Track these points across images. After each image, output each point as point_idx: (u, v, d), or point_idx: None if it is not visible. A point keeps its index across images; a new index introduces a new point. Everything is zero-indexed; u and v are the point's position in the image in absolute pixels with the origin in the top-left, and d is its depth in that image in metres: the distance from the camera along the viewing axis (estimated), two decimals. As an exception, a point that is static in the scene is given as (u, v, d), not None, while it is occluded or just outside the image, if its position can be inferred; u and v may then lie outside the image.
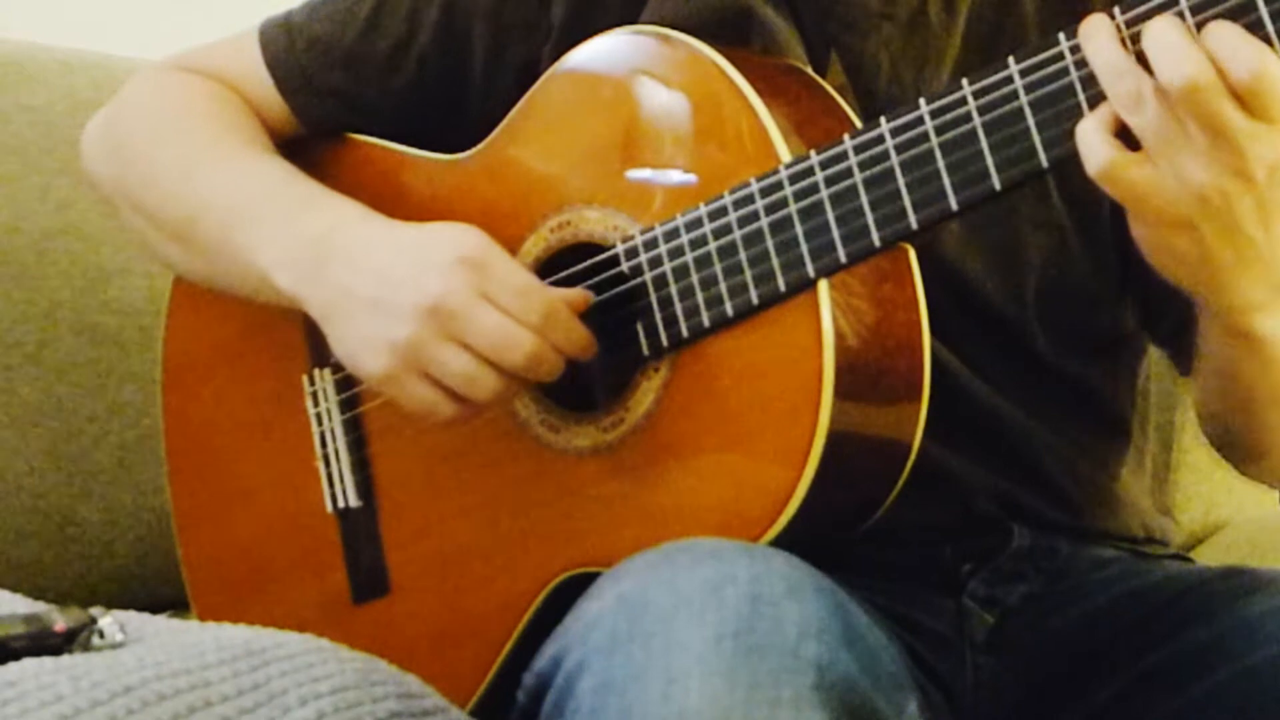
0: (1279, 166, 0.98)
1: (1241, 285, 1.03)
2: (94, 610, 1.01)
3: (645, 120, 1.15)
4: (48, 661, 0.94)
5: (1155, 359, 1.36)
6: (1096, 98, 0.99)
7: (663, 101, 1.15)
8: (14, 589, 1.20)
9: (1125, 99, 0.97)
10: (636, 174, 1.15)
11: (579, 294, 1.15)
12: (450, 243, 1.14)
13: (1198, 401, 1.23)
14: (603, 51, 1.18)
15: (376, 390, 1.21)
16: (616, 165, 1.16)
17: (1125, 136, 0.98)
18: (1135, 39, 0.98)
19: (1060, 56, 1.00)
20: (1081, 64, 0.99)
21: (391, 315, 1.13)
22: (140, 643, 1.00)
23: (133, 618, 1.05)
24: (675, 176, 1.13)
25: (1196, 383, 1.22)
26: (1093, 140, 0.98)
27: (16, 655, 0.95)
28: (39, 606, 1.07)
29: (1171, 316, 1.23)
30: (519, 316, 1.11)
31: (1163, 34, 0.95)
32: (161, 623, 1.07)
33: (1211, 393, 1.20)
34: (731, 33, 1.19)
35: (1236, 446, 1.23)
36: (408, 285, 1.13)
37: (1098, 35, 0.98)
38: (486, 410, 1.15)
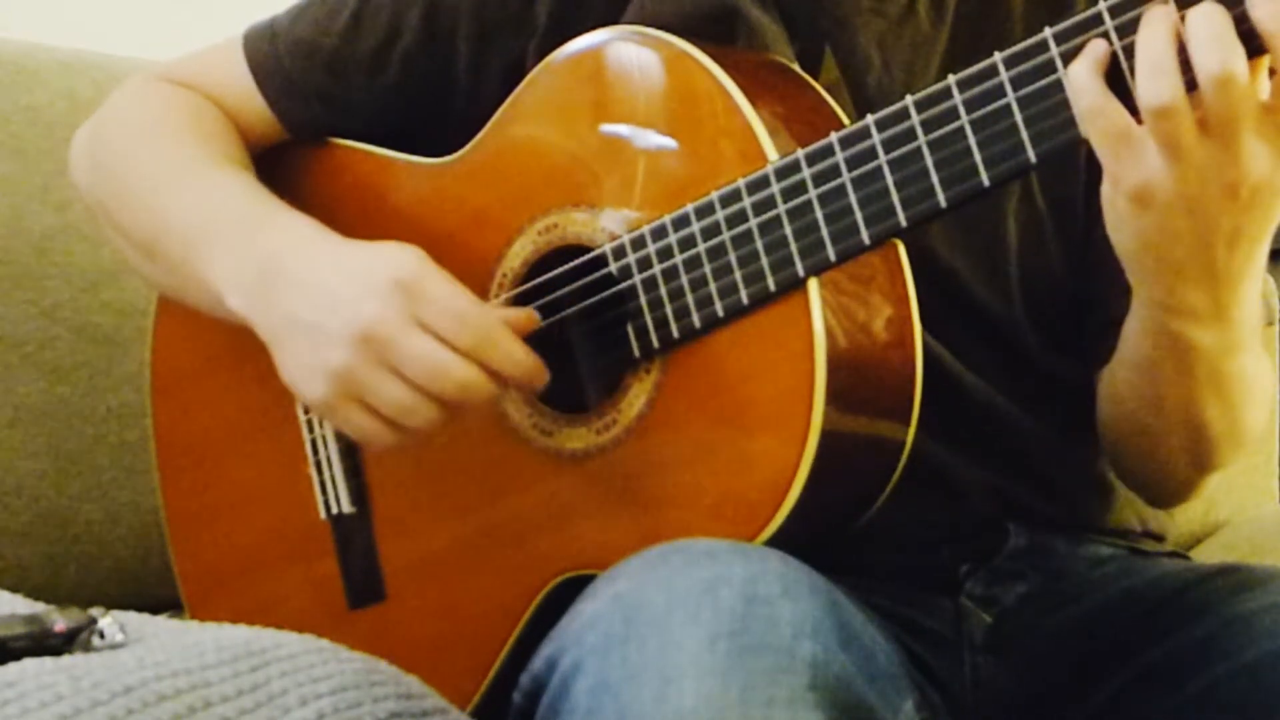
0: (1260, 188, 0.97)
1: (1188, 289, 1.03)
2: (94, 610, 1.01)
3: (631, 121, 1.15)
4: (48, 661, 0.94)
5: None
6: None
7: (648, 102, 1.15)
8: (14, 589, 1.21)
9: (1154, 96, 0.95)
10: (623, 175, 1.15)
11: (524, 314, 1.14)
12: (387, 265, 1.12)
13: (1103, 396, 1.21)
14: (587, 52, 1.18)
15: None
16: (603, 166, 1.15)
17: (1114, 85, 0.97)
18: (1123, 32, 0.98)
19: (1046, 50, 1.00)
20: (1067, 59, 0.99)
21: (327, 341, 1.12)
22: (140, 643, 1.00)
23: (133, 618, 1.05)
24: (662, 177, 1.13)
25: (1107, 375, 1.20)
26: (1084, 82, 0.97)
27: (16, 655, 0.95)
28: (39, 606, 1.08)
29: (1100, 312, 1.21)
30: (451, 341, 1.10)
31: (1205, 23, 0.94)
32: (161, 623, 1.07)
33: (1121, 385, 1.18)
34: (717, 32, 1.19)
35: (1126, 446, 1.21)
36: (344, 309, 1.12)
37: (1153, 23, 0.96)
38: (423, 437, 1.14)
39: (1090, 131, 0.98)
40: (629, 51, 1.16)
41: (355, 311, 1.11)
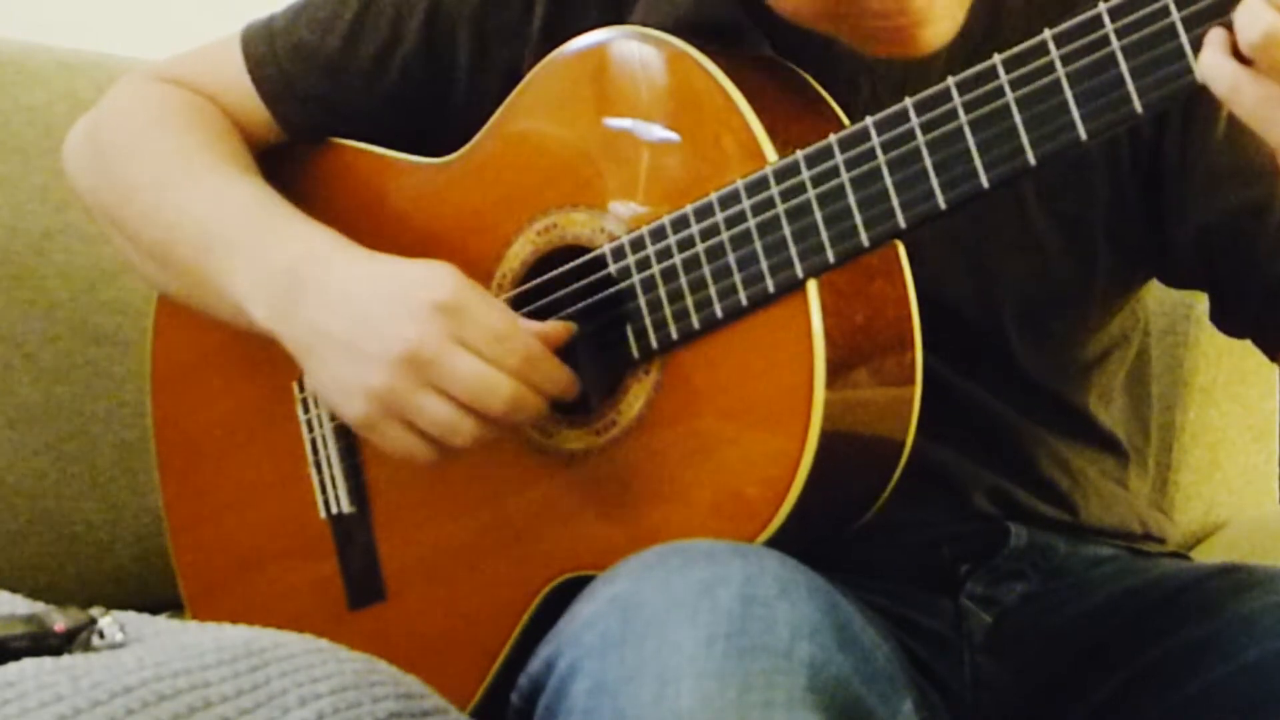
0: None
1: None
2: (94, 610, 1.01)
3: (630, 121, 1.15)
4: (48, 661, 0.94)
5: (1156, 358, 1.35)
6: (1082, 95, 0.99)
7: (648, 102, 1.15)
8: (14, 589, 1.21)
9: None
10: (622, 175, 1.15)
11: (561, 327, 1.14)
12: (426, 286, 1.12)
13: None
14: (585, 52, 1.18)
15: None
16: (602, 167, 1.15)
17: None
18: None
19: (1046, 53, 1.00)
20: (1066, 60, 0.99)
21: (367, 362, 1.12)
22: (140, 643, 1.01)
23: (133, 618, 1.06)
24: (661, 177, 1.13)
25: None
26: (1218, 66, 0.92)
27: (16, 655, 0.95)
28: (39, 606, 1.08)
29: (1251, 304, 1.20)
30: (497, 361, 1.10)
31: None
32: (161, 623, 1.08)
33: None
34: (721, 40, 1.18)
35: None
36: (383, 331, 1.11)
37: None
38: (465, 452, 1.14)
39: (1241, 108, 0.93)
40: (627, 51, 1.16)
41: (395, 333, 1.11)
